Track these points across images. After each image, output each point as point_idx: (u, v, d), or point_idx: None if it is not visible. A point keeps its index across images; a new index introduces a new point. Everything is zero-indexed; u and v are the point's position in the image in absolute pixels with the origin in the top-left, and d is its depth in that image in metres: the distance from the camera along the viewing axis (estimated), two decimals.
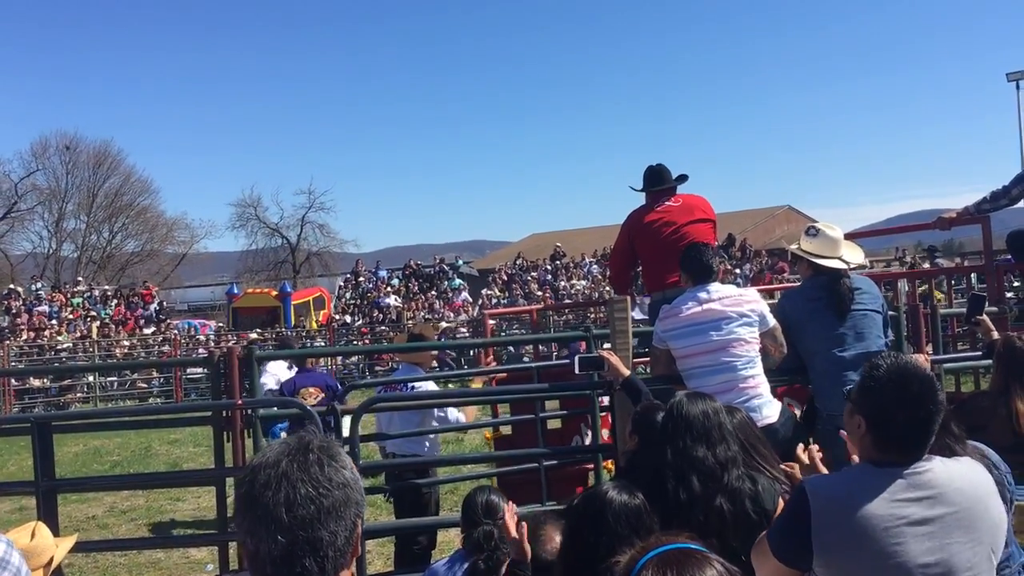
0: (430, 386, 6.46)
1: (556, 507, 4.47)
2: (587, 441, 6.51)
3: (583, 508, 2.79)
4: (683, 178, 6.25)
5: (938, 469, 2.43)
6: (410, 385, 6.35)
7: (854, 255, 5.03)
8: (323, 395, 7.19)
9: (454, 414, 6.32)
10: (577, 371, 5.00)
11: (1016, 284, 11.86)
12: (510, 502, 3.54)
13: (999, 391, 4.44)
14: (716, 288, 4.71)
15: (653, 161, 6.36)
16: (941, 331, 6.20)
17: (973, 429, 3.48)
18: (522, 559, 3.17)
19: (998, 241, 7.76)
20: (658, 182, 6.20)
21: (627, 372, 4.68)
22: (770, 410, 4.49)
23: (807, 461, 3.17)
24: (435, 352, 7.13)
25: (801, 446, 3.27)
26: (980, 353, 5.53)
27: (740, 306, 4.64)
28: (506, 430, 7.18)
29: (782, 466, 3.28)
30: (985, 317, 5.36)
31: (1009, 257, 8.15)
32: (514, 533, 3.19)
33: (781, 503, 3.04)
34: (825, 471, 3.13)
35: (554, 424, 6.90)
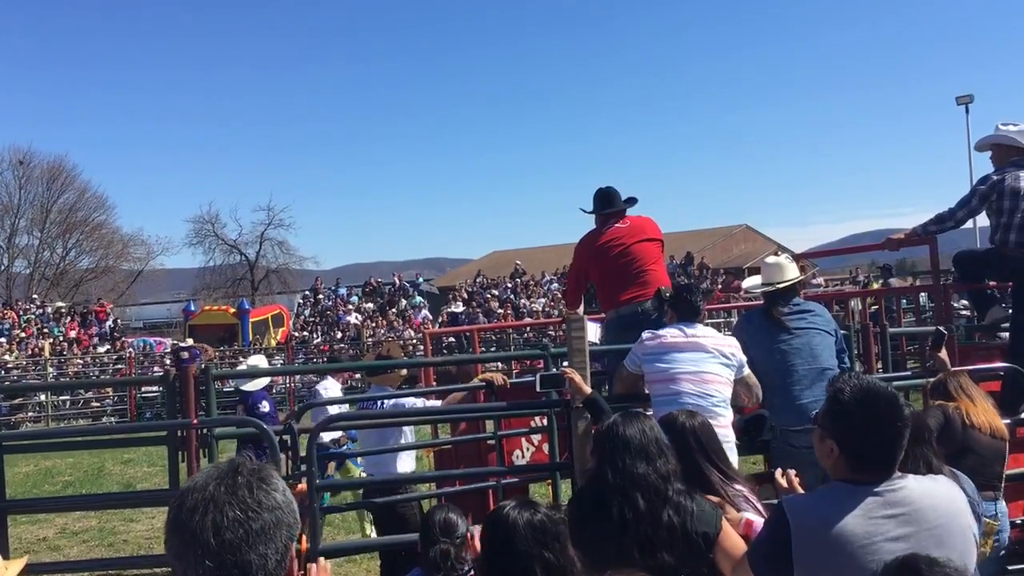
0: (411, 402, 6.40)
1: None
2: (527, 458, 6.56)
3: (490, 533, 2.82)
4: (632, 201, 6.42)
5: (912, 486, 2.50)
6: (381, 402, 6.32)
7: (780, 274, 5.32)
8: None
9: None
10: (538, 389, 5.02)
11: (963, 303, 12.10)
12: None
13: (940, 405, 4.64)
14: (701, 327, 4.81)
15: (612, 180, 6.55)
16: (891, 349, 6.35)
17: (920, 442, 3.59)
18: None
19: (946, 260, 7.96)
20: (608, 204, 6.35)
21: (589, 390, 4.72)
22: (733, 456, 4.48)
23: (785, 484, 3.23)
24: (404, 371, 7.11)
25: (780, 470, 3.33)
26: (929, 369, 5.67)
27: (722, 347, 4.73)
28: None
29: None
30: (944, 353, 5.47)
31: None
32: None
33: (727, 525, 3.10)
34: (802, 491, 3.20)
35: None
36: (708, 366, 4.61)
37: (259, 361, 8.11)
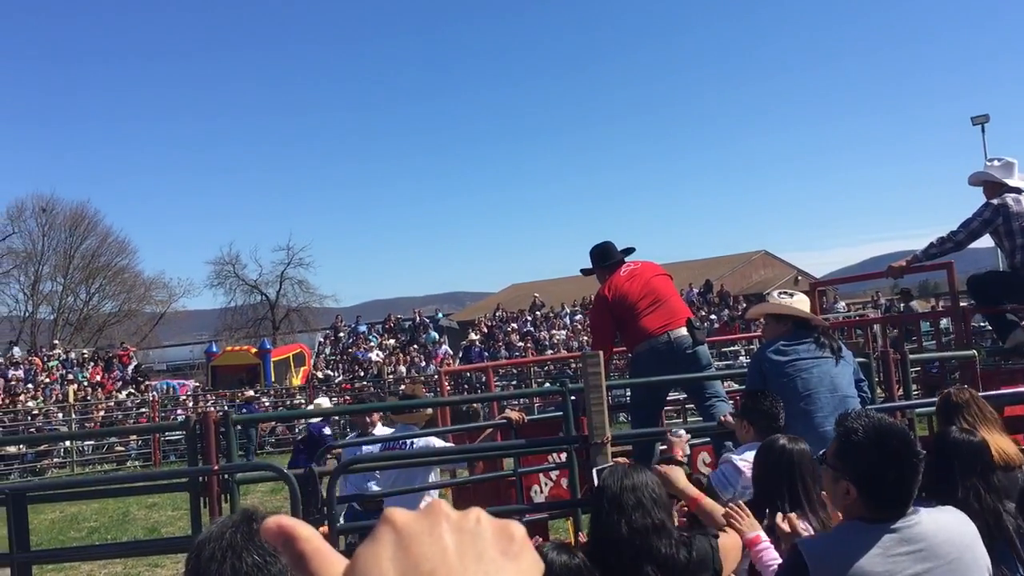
0: (435, 441, 6.42)
1: None
2: (545, 493, 6.55)
3: None
4: (630, 251, 6.60)
5: (926, 521, 2.48)
6: (409, 442, 6.32)
7: (804, 309, 5.33)
8: None
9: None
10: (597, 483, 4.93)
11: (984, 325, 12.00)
12: None
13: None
14: None
15: (628, 211, 6.72)
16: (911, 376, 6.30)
17: (971, 473, 3.55)
18: None
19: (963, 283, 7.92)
20: (609, 257, 6.56)
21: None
22: None
23: (788, 529, 3.18)
24: (429, 410, 7.15)
25: (780, 515, 3.27)
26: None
27: None
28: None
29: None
30: None
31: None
32: None
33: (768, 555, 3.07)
34: (805, 535, 3.16)
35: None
36: None
37: (323, 400, 8.33)
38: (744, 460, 4.36)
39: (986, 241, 7.24)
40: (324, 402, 8.51)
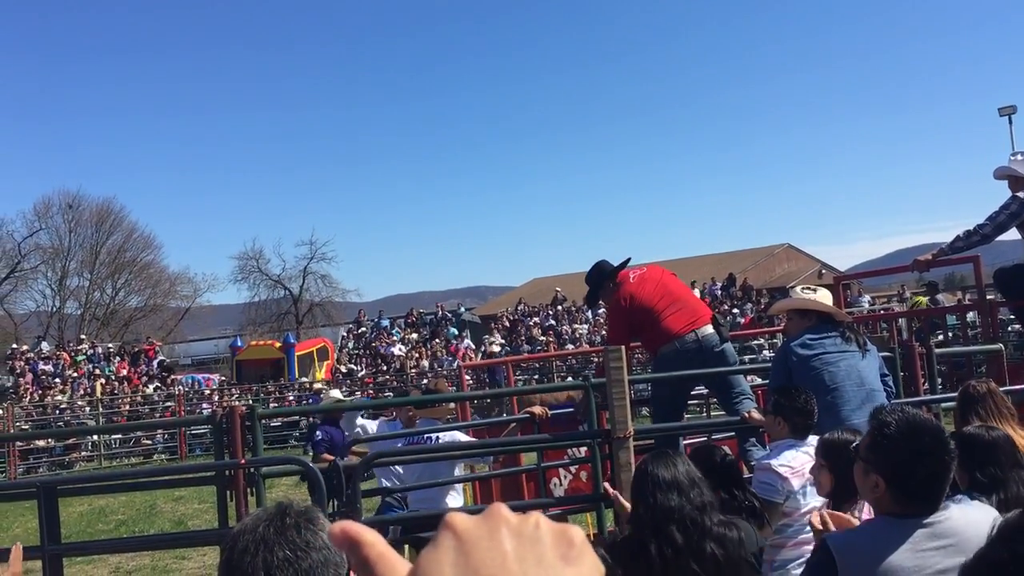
0: (461, 436, 6.46)
1: None
2: (564, 485, 6.56)
3: None
4: (627, 262, 6.55)
5: (956, 517, 2.46)
6: (433, 436, 6.36)
7: (827, 303, 5.34)
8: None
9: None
10: None
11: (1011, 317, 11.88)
12: None
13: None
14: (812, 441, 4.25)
15: (649, 204, 6.62)
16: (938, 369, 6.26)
17: (1015, 464, 3.54)
18: None
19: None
20: (607, 270, 6.39)
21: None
22: None
23: (819, 526, 3.15)
24: (452, 405, 7.18)
25: (815, 513, 3.27)
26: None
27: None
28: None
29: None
30: None
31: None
32: None
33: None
34: (834, 529, 3.14)
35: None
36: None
37: (336, 394, 8.40)
38: (783, 465, 4.26)
39: (1012, 235, 7.18)
40: (336, 394, 8.61)
